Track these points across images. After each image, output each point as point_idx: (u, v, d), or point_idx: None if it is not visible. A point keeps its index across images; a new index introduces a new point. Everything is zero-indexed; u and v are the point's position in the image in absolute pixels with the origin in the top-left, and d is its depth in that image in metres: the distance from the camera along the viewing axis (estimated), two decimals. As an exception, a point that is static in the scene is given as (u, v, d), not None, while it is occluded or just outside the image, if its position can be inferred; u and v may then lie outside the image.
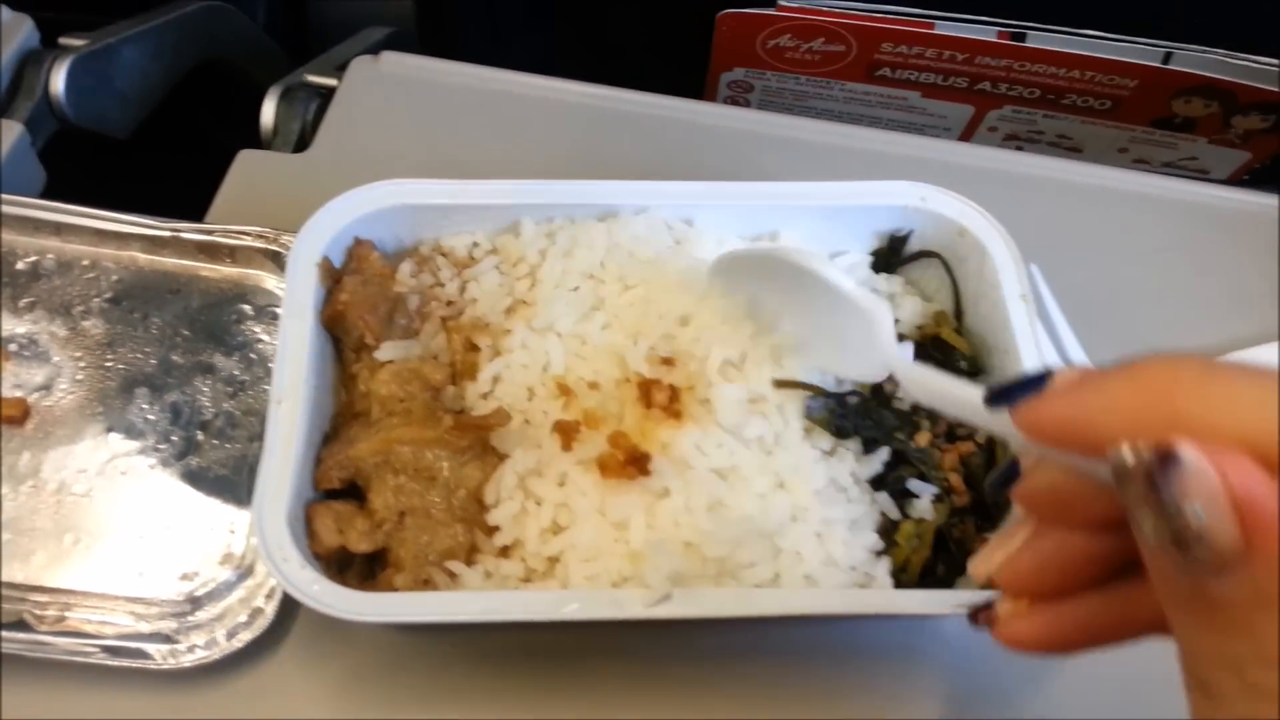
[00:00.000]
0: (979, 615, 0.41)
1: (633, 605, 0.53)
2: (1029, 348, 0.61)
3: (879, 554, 0.57)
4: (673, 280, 0.63)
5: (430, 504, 0.57)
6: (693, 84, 0.98)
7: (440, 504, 0.57)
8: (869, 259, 0.68)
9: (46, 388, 0.64)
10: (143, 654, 0.56)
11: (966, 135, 1.00)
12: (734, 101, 1.00)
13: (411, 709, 0.58)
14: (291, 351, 0.59)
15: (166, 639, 0.57)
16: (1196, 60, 0.86)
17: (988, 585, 0.40)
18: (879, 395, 0.62)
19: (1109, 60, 0.87)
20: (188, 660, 0.56)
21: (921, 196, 0.66)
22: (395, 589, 0.55)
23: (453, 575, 0.56)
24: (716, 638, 0.61)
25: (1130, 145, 0.98)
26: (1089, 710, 0.61)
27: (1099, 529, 0.36)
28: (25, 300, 0.67)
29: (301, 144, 0.81)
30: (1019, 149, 1.00)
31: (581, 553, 0.55)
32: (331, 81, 0.83)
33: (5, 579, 0.58)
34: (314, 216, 0.63)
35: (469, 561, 0.56)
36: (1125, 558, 0.35)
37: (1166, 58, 0.86)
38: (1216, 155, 0.96)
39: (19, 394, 0.64)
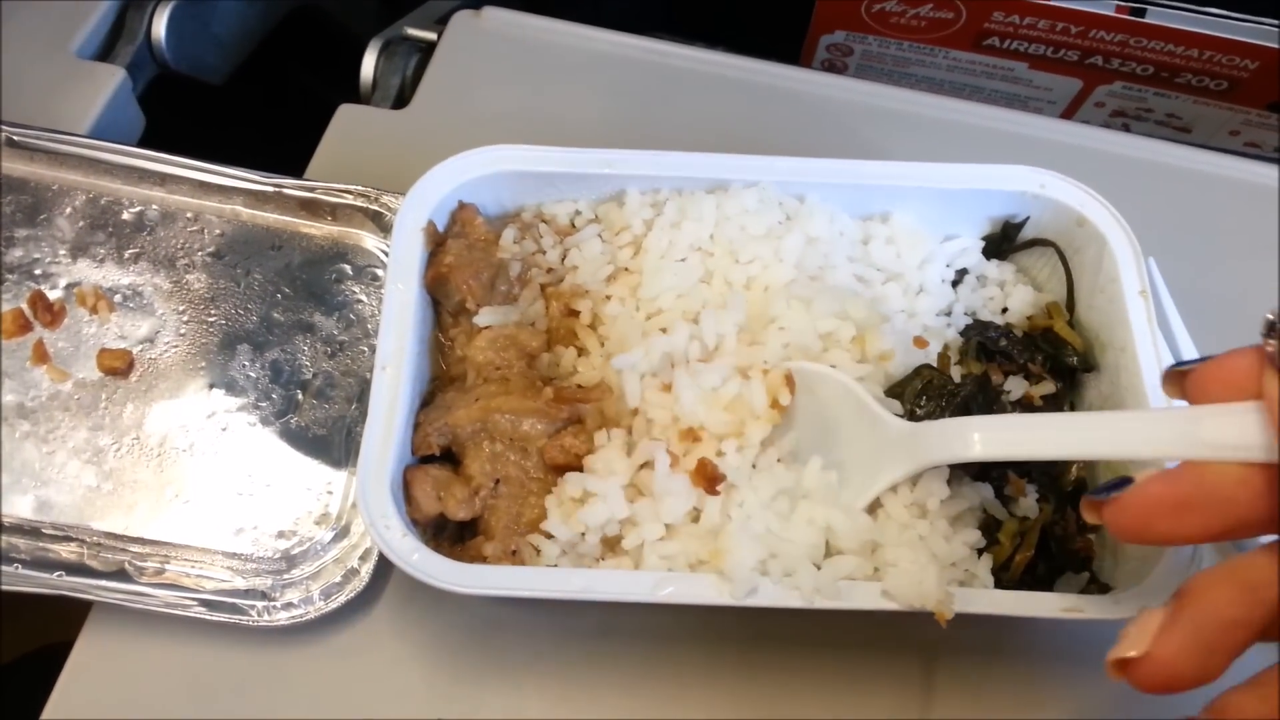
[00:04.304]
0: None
1: (725, 593, 0.52)
2: (1146, 346, 0.59)
3: (980, 551, 0.56)
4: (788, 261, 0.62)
5: (524, 472, 0.57)
6: (789, 44, 0.96)
7: (533, 472, 0.57)
8: (980, 244, 0.66)
9: (150, 340, 0.65)
10: (239, 609, 0.57)
11: (1072, 109, 0.97)
12: (831, 64, 0.98)
13: (500, 675, 0.59)
14: (396, 317, 0.59)
15: (263, 595, 0.58)
16: (1325, 44, 0.82)
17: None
18: (985, 388, 0.61)
19: (1230, 40, 0.84)
20: (283, 618, 0.57)
21: (1041, 183, 0.63)
22: (484, 557, 0.56)
23: (537, 549, 0.56)
24: (804, 624, 0.60)
25: (1243, 128, 0.94)
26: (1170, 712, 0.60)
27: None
28: (130, 251, 0.67)
29: (401, 99, 0.80)
30: (1125, 126, 0.97)
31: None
32: (431, 36, 0.82)
33: (107, 529, 0.59)
34: (419, 181, 0.62)
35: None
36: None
37: (1292, 39, 0.82)
38: (1335, 142, 0.92)
39: (123, 345, 0.64)
